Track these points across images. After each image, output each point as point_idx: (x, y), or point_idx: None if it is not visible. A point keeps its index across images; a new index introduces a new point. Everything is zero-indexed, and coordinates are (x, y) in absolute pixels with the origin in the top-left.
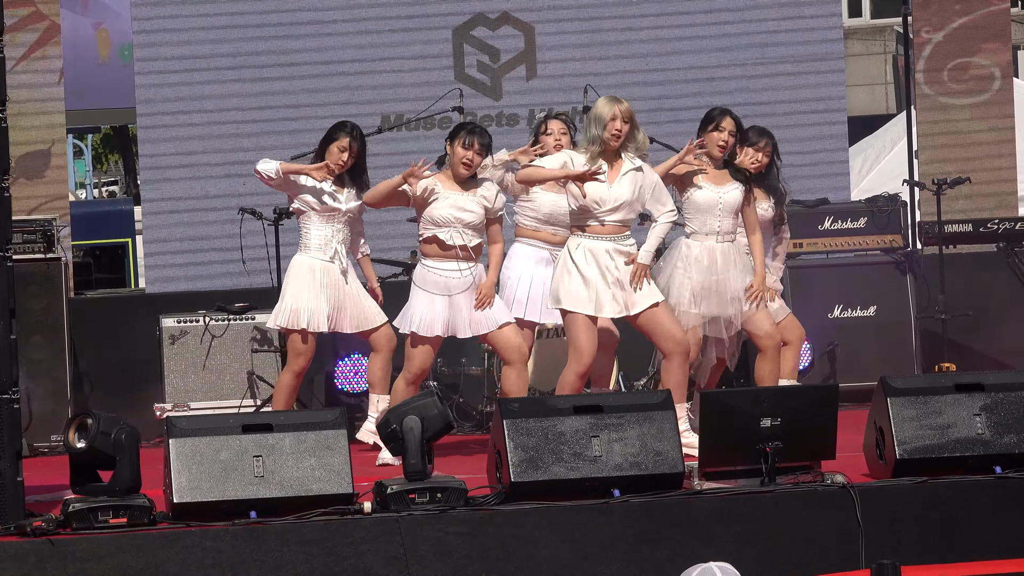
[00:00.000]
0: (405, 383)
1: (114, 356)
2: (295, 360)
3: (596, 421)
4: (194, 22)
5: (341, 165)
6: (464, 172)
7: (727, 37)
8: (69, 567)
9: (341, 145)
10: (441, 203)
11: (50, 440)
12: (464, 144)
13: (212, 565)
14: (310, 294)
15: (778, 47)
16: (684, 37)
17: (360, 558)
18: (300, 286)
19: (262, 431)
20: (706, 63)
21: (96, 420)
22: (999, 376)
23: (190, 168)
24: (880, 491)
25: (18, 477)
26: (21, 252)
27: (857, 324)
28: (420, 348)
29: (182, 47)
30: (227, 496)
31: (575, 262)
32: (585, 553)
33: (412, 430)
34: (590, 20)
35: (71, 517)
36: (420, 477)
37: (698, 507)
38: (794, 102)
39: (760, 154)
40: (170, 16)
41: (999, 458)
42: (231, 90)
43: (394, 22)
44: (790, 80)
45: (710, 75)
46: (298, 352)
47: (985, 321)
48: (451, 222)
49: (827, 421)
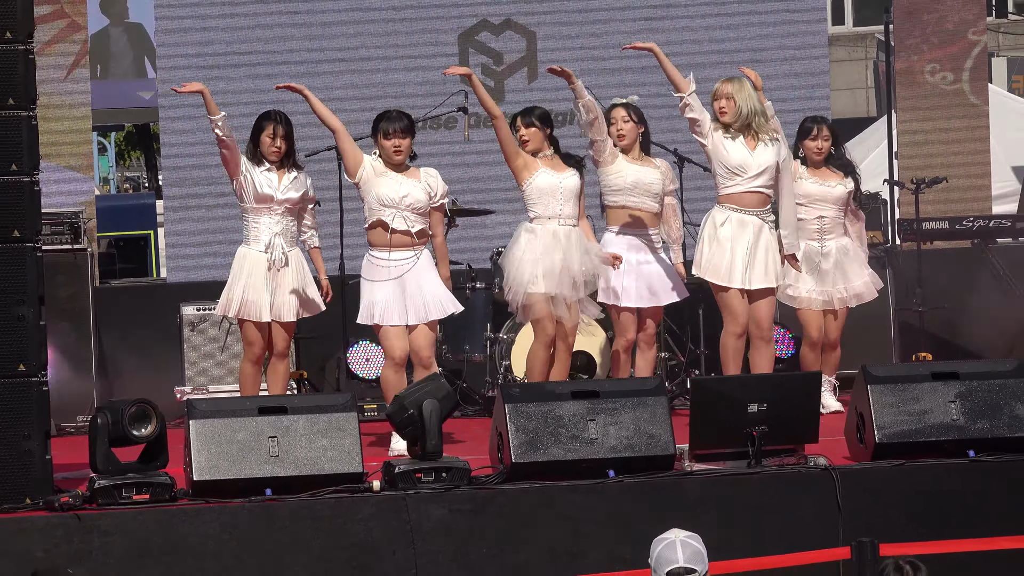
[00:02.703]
0: (393, 372)
1: (137, 341)
2: (248, 349)
3: (592, 406)
4: (214, 23)
5: (276, 151)
6: (398, 159)
7: (719, 42)
8: (94, 540)
9: (269, 133)
10: (385, 182)
11: (76, 421)
12: (386, 135)
13: (229, 539)
14: (247, 284)
15: (767, 52)
16: (678, 42)
17: (369, 534)
18: (237, 277)
19: (277, 413)
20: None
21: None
22: (973, 365)
23: (209, 165)
24: (860, 473)
25: (47, 455)
26: (50, 243)
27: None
28: (392, 335)
29: (201, 47)
30: (244, 474)
31: (719, 232)
32: (581, 530)
33: (432, 413)
34: (588, 26)
35: (96, 493)
36: (438, 457)
37: (688, 487)
38: (782, 101)
39: (818, 141)
40: (191, 16)
41: (972, 442)
42: (247, 87)
43: (404, 26)
44: (778, 83)
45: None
46: (249, 341)
47: (960, 313)
48: (396, 203)
49: (810, 407)
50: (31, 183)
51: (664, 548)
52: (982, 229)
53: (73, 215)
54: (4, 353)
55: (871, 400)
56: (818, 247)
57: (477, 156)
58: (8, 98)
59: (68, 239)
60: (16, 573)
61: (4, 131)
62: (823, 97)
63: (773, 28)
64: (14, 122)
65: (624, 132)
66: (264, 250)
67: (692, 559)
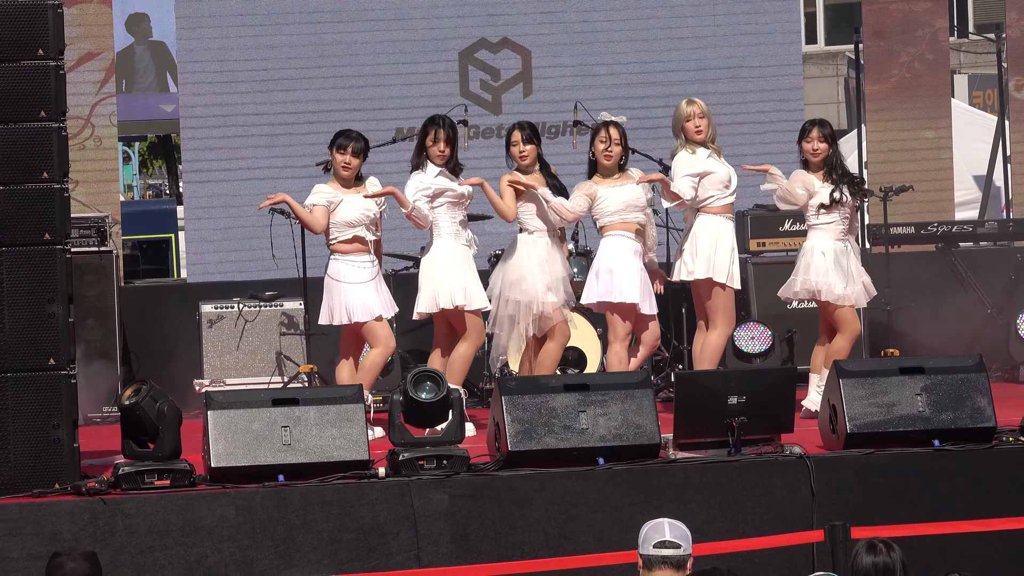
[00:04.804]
0: (382, 359)
1: (159, 337)
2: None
3: (583, 398)
4: (231, 42)
5: (441, 155)
6: (346, 175)
7: (701, 59)
8: (119, 523)
9: (432, 138)
10: (347, 207)
11: (102, 411)
12: (339, 149)
13: (244, 522)
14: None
15: (746, 69)
16: (664, 62)
17: (375, 517)
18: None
19: (289, 404)
20: (681, 88)
21: (149, 386)
22: (938, 360)
23: (227, 172)
24: (833, 461)
25: (75, 444)
26: (78, 245)
27: (813, 314)
28: (386, 326)
29: (219, 64)
30: (258, 462)
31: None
32: (572, 514)
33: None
34: (580, 46)
35: (121, 479)
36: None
37: (672, 474)
38: (760, 113)
39: (813, 143)
40: (210, 36)
41: (937, 433)
42: (263, 103)
43: (407, 45)
44: (756, 97)
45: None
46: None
47: (925, 312)
48: (362, 221)
49: (786, 399)
50: (61, 190)
51: (651, 528)
52: (946, 234)
53: (100, 219)
54: (36, 348)
55: (843, 393)
56: (844, 247)
57: (476, 163)
58: (40, 111)
59: (95, 242)
60: (46, 553)
61: (36, 142)
62: (798, 110)
63: (752, 48)
64: (45, 133)
65: (611, 153)
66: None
67: (678, 537)
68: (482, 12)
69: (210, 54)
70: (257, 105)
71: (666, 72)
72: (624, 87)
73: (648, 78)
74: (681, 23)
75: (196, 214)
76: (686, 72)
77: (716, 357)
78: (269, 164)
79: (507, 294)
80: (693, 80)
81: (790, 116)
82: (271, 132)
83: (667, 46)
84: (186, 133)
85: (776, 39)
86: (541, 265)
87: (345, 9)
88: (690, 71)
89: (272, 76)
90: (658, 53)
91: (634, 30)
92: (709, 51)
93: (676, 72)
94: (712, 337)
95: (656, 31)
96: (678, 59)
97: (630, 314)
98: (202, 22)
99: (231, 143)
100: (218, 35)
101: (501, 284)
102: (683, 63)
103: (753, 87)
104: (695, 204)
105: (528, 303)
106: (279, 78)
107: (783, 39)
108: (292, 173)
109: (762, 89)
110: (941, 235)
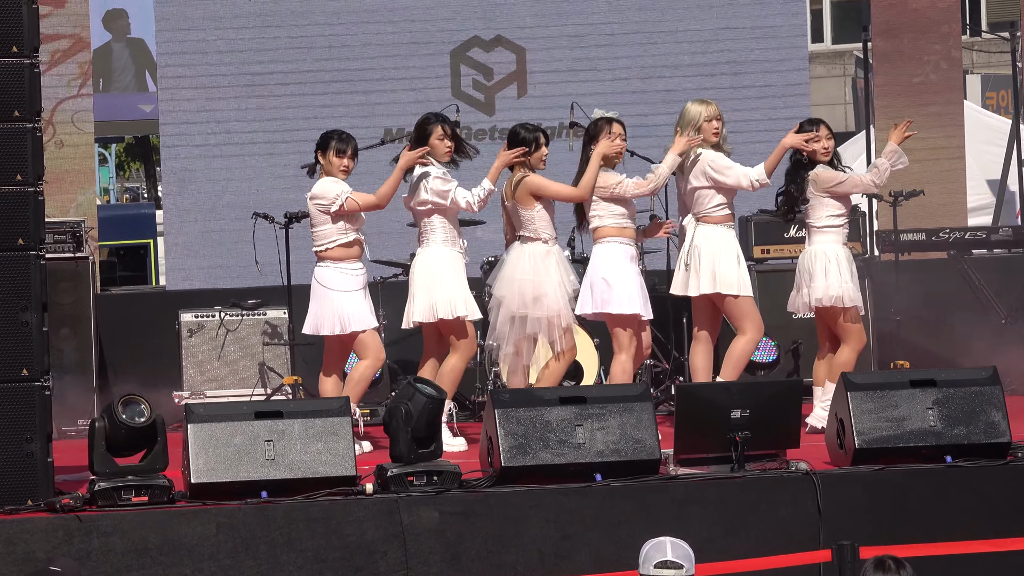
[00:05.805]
0: (372, 371)
1: (136, 347)
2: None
3: (580, 411)
4: (213, 40)
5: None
6: (345, 178)
7: (704, 55)
8: (95, 541)
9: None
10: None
11: (77, 424)
12: (339, 153)
13: (226, 540)
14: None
15: (750, 65)
16: (663, 63)
17: (362, 535)
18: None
19: (273, 418)
20: (683, 85)
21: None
22: (950, 373)
23: (208, 176)
24: (840, 478)
25: (48, 458)
26: (52, 251)
27: None
28: (373, 337)
29: (201, 67)
30: (240, 477)
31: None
32: (568, 532)
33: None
34: (576, 44)
35: (97, 495)
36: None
37: (673, 491)
38: (766, 110)
39: (822, 141)
40: (191, 40)
41: (949, 448)
42: (244, 106)
43: (397, 44)
44: (760, 101)
45: (687, 96)
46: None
47: (936, 322)
48: (362, 224)
49: (792, 413)
50: (35, 193)
51: (653, 547)
52: (958, 241)
53: (75, 224)
54: (8, 358)
55: (851, 407)
56: (848, 252)
57: (470, 162)
58: (14, 110)
59: (70, 247)
60: (18, 573)
61: (9, 143)
62: (804, 108)
63: (756, 43)
64: (19, 134)
65: (622, 149)
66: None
67: (680, 557)
68: (475, 9)
69: (191, 52)
70: (240, 105)
71: (667, 71)
72: (621, 82)
73: (649, 76)
74: (683, 20)
75: (176, 218)
76: (688, 71)
77: (742, 364)
78: (252, 167)
79: (530, 312)
80: (695, 79)
81: (796, 117)
82: (254, 133)
83: (669, 44)
84: (165, 131)
85: (781, 34)
86: (561, 282)
87: (332, 6)
88: (692, 70)
89: (256, 75)
90: (659, 51)
91: (635, 27)
92: (711, 45)
93: (678, 71)
94: (740, 343)
95: (657, 29)
96: (680, 58)
97: (633, 323)
98: (183, 19)
99: (212, 145)
100: (200, 32)
101: (518, 301)
102: (685, 61)
103: (758, 84)
104: (696, 213)
105: (551, 318)
106: (263, 76)
107: (788, 34)
108: (276, 175)
109: (767, 85)
110: (953, 242)
